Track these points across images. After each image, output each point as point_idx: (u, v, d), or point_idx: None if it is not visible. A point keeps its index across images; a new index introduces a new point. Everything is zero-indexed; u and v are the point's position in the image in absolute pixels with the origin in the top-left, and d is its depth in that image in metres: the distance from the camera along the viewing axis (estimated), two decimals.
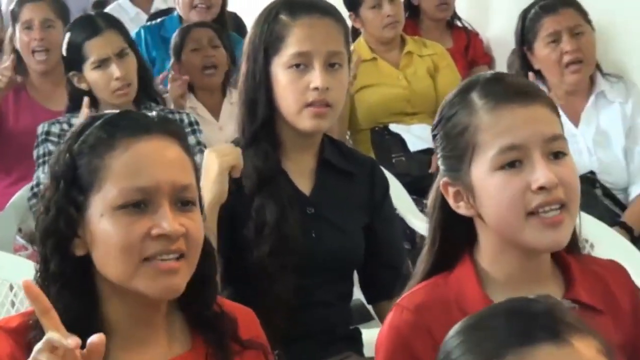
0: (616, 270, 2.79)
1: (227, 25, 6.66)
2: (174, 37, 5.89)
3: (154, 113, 2.63)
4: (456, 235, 2.65)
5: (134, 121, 2.47)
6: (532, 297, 1.93)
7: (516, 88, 2.65)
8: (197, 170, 2.52)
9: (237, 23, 7.24)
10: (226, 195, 3.27)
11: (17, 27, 5.76)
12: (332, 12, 3.32)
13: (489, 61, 7.04)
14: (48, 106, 5.78)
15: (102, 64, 4.95)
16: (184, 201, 2.35)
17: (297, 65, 3.13)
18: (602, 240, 3.72)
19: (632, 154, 5.23)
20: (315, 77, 3.12)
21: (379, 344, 2.61)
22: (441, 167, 2.68)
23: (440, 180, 2.66)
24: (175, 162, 2.39)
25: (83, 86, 5.02)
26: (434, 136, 2.72)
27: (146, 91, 5.21)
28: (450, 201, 2.60)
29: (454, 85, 5.74)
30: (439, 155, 2.70)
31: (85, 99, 4.93)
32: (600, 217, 3.95)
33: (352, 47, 5.56)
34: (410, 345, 2.15)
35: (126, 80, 4.97)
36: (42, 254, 2.40)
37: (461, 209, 2.59)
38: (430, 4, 6.90)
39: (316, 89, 3.11)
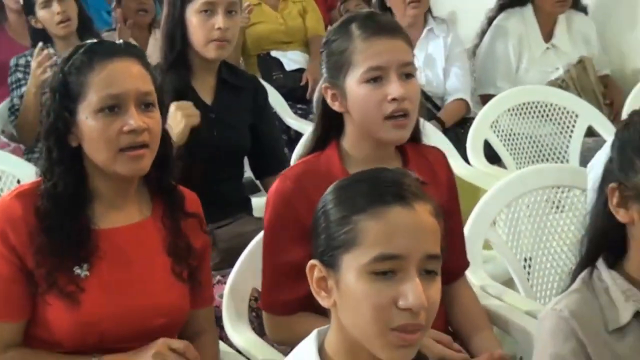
0: (437, 153, 2.89)
1: None
2: None
3: (121, 41, 2.70)
4: (331, 125, 2.74)
5: (107, 47, 2.50)
6: (386, 167, 1.96)
7: (384, 24, 2.68)
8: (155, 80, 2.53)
9: None
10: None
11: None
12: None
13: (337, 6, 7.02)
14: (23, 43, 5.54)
15: (46, 4, 4.89)
16: (146, 103, 2.42)
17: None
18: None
19: (448, 73, 5.33)
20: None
21: (267, 204, 2.71)
22: (324, 75, 2.71)
23: (322, 84, 2.71)
24: (138, 75, 2.44)
25: (38, 25, 5.00)
26: (322, 52, 2.76)
27: (86, 29, 5.05)
28: (329, 100, 2.67)
29: (318, 23, 6.10)
30: (322, 67, 2.74)
31: (39, 45, 4.75)
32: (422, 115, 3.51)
33: None
34: (291, 204, 2.17)
35: (66, 14, 4.91)
36: (45, 147, 2.45)
37: (336, 106, 2.66)
38: None
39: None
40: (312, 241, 1.90)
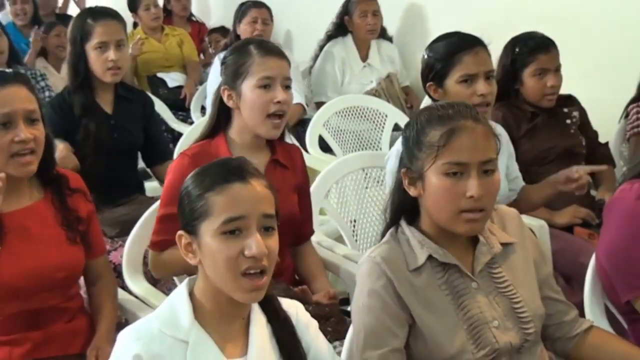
0: (295, 148, 2.95)
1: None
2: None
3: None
4: (221, 118, 2.74)
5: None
6: (234, 157, 1.97)
7: (274, 48, 2.73)
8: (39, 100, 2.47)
9: None
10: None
11: None
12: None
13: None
14: None
15: None
16: (32, 119, 2.39)
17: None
18: None
19: None
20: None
21: (168, 172, 2.74)
22: (222, 80, 2.73)
23: (221, 86, 2.72)
24: (25, 97, 2.40)
25: None
26: (222, 64, 2.77)
27: (15, 60, 4.85)
28: (225, 98, 2.70)
29: (192, 51, 6.12)
30: (222, 74, 2.76)
31: None
32: None
33: (131, 31, 5.90)
34: (185, 174, 2.03)
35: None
36: None
37: (230, 104, 2.69)
38: (178, 9, 6.94)
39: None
40: (178, 215, 1.88)
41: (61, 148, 3.23)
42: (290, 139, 3.01)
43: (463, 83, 2.85)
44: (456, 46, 2.90)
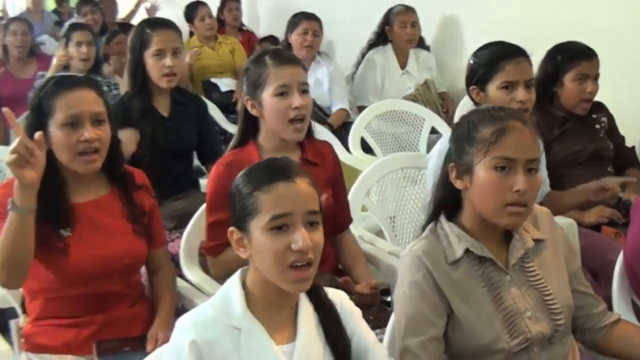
0: (325, 144, 2.92)
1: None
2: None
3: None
4: (250, 126, 2.74)
5: (71, 79, 2.51)
6: (278, 157, 1.93)
7: (288, 57, 2.76)
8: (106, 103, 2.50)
9: None
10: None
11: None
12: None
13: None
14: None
15: (78, 45, 4.89)
16: (97, 120, 2.41)
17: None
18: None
19: (332, 91, 5.27)
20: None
21: (208, 182, 2.78)
22: (244, 91, 2.73)
23: (244, 97, 2.73)
24: (93, 100, 2.43)
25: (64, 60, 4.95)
26: (243, 76, 2.79)
27: (96, 66, 5.04)
28: (249, 108, 2.70)
29: (243, 58, 6.14)
30: (243, 85, 2.77)
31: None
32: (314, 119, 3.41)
33: (187, 40, 5.93)
34: (222, 181, 2.14)
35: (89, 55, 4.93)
36: None
37: (254, 112, 2.69)
38: (230, 19, 7.01)
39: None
40: (230, 213, 1.88)
41: (127, 134, 3.27)
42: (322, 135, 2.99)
43: (504, 89, 2.86)
44: (500, 54, 2.92)
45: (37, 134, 2.21)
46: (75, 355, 2.40)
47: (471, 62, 2.99)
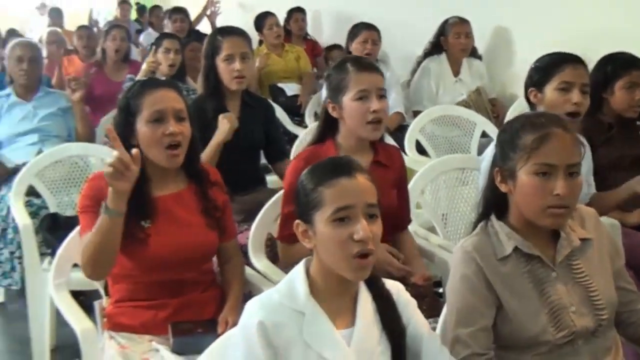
0: (395, 148, 2.97)
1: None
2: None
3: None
4: (329, 126, 2.77)
5: (154, 81, 2.63)
6: (342, 156, 2.07)
7: (369, 64, 2.75)
8: (186, 102, 2.54)
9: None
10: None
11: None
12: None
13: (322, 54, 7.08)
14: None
15: (166, 52, 4.95)
16: (180, 117, 2.47)
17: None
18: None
19: (389, 96, 5.04)
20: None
21: (287, 174, 2.77)
22: (326, 94, 2.77)
23: (326, 100, 2.77)
24: (174, 98, 2.49)
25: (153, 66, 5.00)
26: (325, 80, 2.81)
27: (181, 73, 5.08)
28: (330, 110, 2.74)
29: (307, 65, 6.17)
30: (325, 89, 2.80)
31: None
32: None
33: (257, 47, 5.95)
34: (300, 175, 1.98)
35: (174, 62, 4.97)
36: None
37: (334, 114, 2.72)
38: (296, 29, 7.05)
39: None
40: (295, 207, 1.91)
41: (228, 116, 3.37)
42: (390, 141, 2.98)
43: (561, 91, 2.85)
44: (560, 58, 2.92)
45: (134, 151, 2.26)
46: (152, 335, 2.43)
47: (532, 66, 2.99)
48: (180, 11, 7.20)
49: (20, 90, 4.56)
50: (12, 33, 7.44)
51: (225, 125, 3.37)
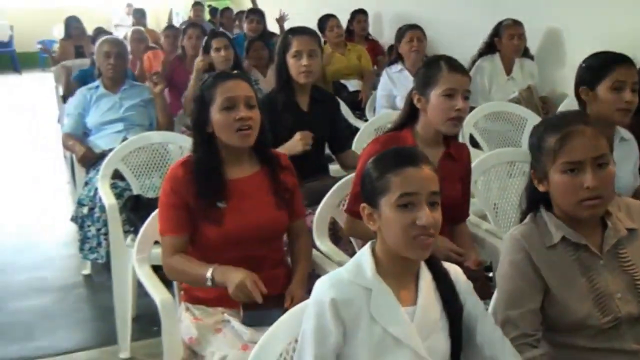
0: (463, 145, 2.95)
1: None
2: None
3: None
4: (410, 115, 2.75)
5: (226, 74, 2.66)
6: (407, 147, 2.09)
7: (458, 65, 2.70)
8: (255, 91, 2.56)
9: None
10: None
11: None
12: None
13: (383, 54, 7.05)
14: None
15: (217, 50, 5.02)
16: (250, 104, 2.50)
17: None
18: None
19: None
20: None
21: (361, 155, 2.77)
22: (414, 85, 2.73)
23: (413, 90, 2.72)
24: (245, 87, 2.52)
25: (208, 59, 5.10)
26: (418, 71, 2.78)
27: (237, 65, 5.10)
28: (415, 101, 2.70)
29: (368, 63, 6.16)
30: (415, 81, 2.75)
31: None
32: None
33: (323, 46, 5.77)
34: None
35: (228, 57, 5.02)
36: (193, 134, 2.60)
37: (419, 106, 2.70)
38: (358, 30, 7.02)
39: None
40: (361, 191, 1.90)
41: (306, 137, 3.39)
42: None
43: (613, 90, 2.77)
44: (612, 58, 2.85)
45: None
46: (225, 308, 2.45)
47: (583, 65, 2.92)
48: (256, 12, 7.30)
49: (107, 82, 4.65)
50: (100, 31, 7.58)
51: (298, 146, 3.39)
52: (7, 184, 6.91)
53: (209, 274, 2.35)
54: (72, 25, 7.67)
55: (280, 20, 7.62)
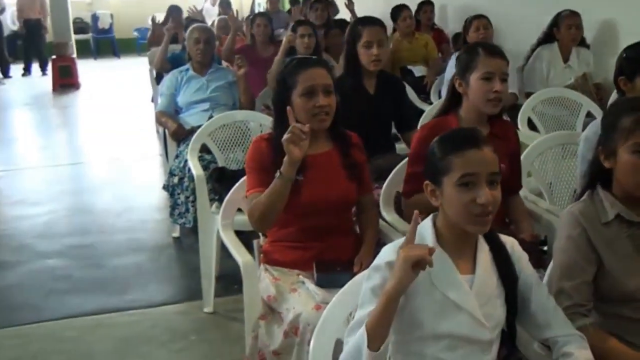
0: (509, 122, 2.95)
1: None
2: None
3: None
4: (454, 100, 2.70)
5: (306, 60, 2.59)
6: (471, 128, 2.02)
7: (495, 50, 2.65)
8: (333, 78, 2.54)
9: None
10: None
11: None
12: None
13: (448, 42, 6.94)
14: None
15: (302, 38, 5.02)
16: (327, 91, 2.48)
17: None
18: None
19: None
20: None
21: (414, 140, 2.74)
22: (455, 70, 2.69)
23: (454, 76, 2.67)
24: (324, 74, 2.50)
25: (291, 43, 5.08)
26: (459, 57, 2.71)
27: (317, 51, 5.08)
28: (457, 85, 2.66)
29: (434, 51, 6.11)
30: (455, 66, 2.70)
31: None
32: None
33: (391, 34, 5.90)
34: (427, 142, 1.89)
35: (310, 44, 5.02)
36: (274, 112, 2.60)
37: (460, 90, 2.65)
38: (424, 20, 6.93)
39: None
40: (425, 169, 1.84)
41: None
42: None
43: None
44: None
45: (307, 127, 2.31)
46: (300, 270, 2.47)
47: (623, 55, 2.80)
48: (320, 2, 7.24)
49: (196, 66, 4.71)
50: (191, 20, 7.66)
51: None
52: (107, 157, 7.07)
53: (277, 175, 2.35)
54: (173, 13, 7.80)
55: (350, 4, 7.57)
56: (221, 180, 3.58)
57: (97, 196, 5.77)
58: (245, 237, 2.79)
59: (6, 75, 12.50)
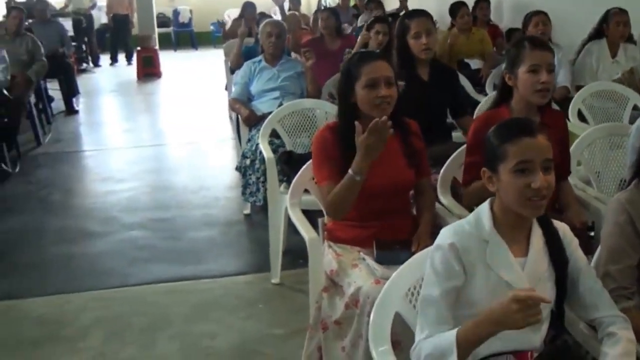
0: (559, 112, 2.88)
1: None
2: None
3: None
4: (505, 92, 2.64)
5: (370, 54, 2.58)
6: (522, 117, 2.02)
7: (543, 43, 2.59)
8: (393, 69, 2.48)
9: None
10: None
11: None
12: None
13: (502, 37, 6.73)
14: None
15: (369, 29, 4.85)
16: (389, 82, 2.44)
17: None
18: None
19: (558, 73, 4.92)
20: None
21: (470, 130, 2.68)
22: (504, 64, 2.63)
23: (503, 70, 2.63)
24: (385, 67, 2.45)
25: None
26: (507, 52, 2.68)
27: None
28: (506, 79, 2.61)
29: (488, 45, 6.02)
30: (505, 60, 2.65)
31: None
32: None
33: (447, 29, 5.84)
34: (482, 133, 1.89)
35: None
36: (339, 104, 2.55)
37: (510, 83, 2.59)
38: (481, 16, 6.77)
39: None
40: (483, 157, 1.81)
41: None
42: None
43: None
44: None
45: (384, 119, 2.26)
46: (361, 247, 2.47)
47: None
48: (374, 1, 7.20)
49: (268, 57, 4.74)
50: (263, 15, 7.70)
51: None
52: (185, 140, 7.16)
53: (350, 172, 2.33)
54: (248, 9, 7.84)
55: (403, 1, 7.49)
56: (289, 163, 3.60)
57: (176, 175, 5.86)
58: (310, 216, 2.80)
59: (96, 64, 12.80)
